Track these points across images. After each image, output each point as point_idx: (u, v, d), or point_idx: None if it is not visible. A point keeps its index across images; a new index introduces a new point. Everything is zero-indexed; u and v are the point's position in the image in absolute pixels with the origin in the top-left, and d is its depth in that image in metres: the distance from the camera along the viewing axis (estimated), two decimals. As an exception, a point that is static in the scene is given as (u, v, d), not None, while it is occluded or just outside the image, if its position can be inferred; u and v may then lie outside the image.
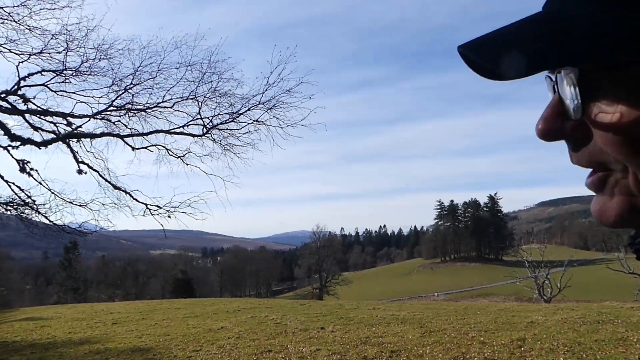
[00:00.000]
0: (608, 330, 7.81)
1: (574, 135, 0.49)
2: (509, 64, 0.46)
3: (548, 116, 0.50)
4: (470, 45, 0.49)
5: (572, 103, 0.46)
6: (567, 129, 0.49)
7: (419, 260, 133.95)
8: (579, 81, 0.45)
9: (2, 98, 9.72)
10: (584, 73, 0.45)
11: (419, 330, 8.75)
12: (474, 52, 0.48)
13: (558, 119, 0.49)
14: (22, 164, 10.14)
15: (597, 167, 0.49)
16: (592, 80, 0.45)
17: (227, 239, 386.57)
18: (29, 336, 10.83)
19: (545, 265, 28.89)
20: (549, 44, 0.44)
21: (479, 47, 0.49)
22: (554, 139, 0.51)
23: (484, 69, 0.50)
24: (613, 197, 0.48)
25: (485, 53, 0.48)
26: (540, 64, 0.45)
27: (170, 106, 10.63)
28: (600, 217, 0.50)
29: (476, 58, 0.48)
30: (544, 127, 0.50)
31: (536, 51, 0.45)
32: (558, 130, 0.49)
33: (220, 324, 10.73)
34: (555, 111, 0.49)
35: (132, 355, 8.21)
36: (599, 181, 0.49)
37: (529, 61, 0.45)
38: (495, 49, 0.47)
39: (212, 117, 10.70)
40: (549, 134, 0.50)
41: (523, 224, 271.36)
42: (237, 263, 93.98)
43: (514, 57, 0.45)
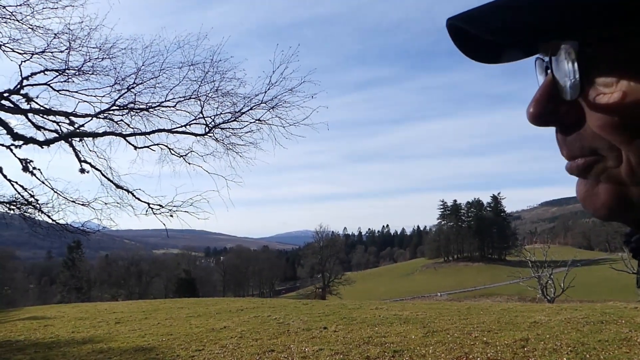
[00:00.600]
0: (612, 331, 7.78)
1: (567, 119, 0.46)
2: (505, 36, 0.44)
3: (540, 98, 0.47)
4: (463, 17, 0.45)
5: (569, 80, 0.44)
6: (560, 112, 0.46)
7: (422, 260, 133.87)
8: (578, 56, 0.42)
9: (5, 97, 9.74)
10: (583, 46, 0.42)
11: (422, 330, 8.73)
12: (469, 22, 0.45)
13: (551, 101, 0.46)
14: (25, 163, 10.16)
15: (588, 154, 0.46)
16: (590, 56, 0.42)
17: (230, 238, 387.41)
18: (32, 335, 10.86)
19: (549, 265, 28.84)
20: (547, 14, 0.41)
21: (473, 19, 0.45)
22: (546, 124, 0.48)
23: (475, 48, 0.48)
24: (599, 184, 0.46)
25: (481, 25, 0.45)
26: (539, 35, 0.43)
27: (173, 105, 10.64)
28: (585, 202, 0.47)
29: (471, 28, 0.45)
30: (536, 110, 0.47)
31: (535, 21, 0.42)
32: (551, 113, 0.47)
33: (223, 323, 10.73)
34: (548, 93, 0.46)
35: (135, 355, 8.22)
36: (585, 165, 0.46)
37: (528, 32, 0.43)
38: (490, 20, 0.44)
39: (214, 117, 10.70)
40: (541, 117, 0.47)
41: (526, 224, 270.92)
42: (240, 263, 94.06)
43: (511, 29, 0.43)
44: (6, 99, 9.77)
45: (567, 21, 0.41)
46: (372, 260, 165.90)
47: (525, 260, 31.76)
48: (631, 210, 0.44)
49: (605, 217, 0.46)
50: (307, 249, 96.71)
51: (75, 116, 10.47)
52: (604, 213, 0.46)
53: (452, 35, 0.48)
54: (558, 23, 0.41)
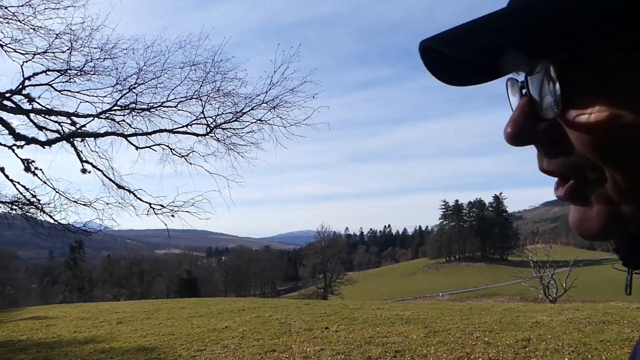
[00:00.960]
0: (614, 331, 7.77)
1: (546, 139, 0.45)
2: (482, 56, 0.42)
3: (517, 118, 0.46)
4: (437, 37, 0.44)
5: (549, 99, 0.43)
6: (539, 132, 0.45)
7: (424, 260, 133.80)
8: (558, 75, 0.41)
9: (7, 97, 9.76)
10: (564, 65, 0.41)
11: (424, 330, 8.73)
12: (443, 43, 0.44)
13: (529, 120, 0.45)
14: (26, 163, 10.17)
15: (571, 173, 0.45)
16: (571, 74, 0.41)
17: (232, 238, 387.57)
18: (34, 335, 10.88)
19: (551, 265, 28.79)
20: (525, 35, 0.40)
21: (449, 40, 0.44)
22: (525, 144, 0.47)
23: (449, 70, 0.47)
24: (592, 207, 0.45)
25: (456, 46, 0.43)
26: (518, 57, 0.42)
27: (174, 106, 10.65)
28: (581, 230, 0.46)
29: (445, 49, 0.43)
30: (514, 130, 0.46)
31: (514, 41, 0.41)
32: (529, 133, 0.46)
33: (224, 323, 10.74)
34: (526, 112, 0.46)
35: (137, 355, 8.24)
36: (573, 190, 0.46)
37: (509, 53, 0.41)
38: (466, 41, 0.43)
39: (215, 117, 10.71)
40: (519, 137, 0.46)
41: (528, 224, 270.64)
42: (242, 263, 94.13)
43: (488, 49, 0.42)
44: (8, 99, 9.79)
45: (547, 41, 0.40)
46: (373, 260, 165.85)
47: (527, 260, 31.71)
48: (625, 228, 0.44)
49: (602, 238, 0.45)
50: (308, 249, 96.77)
51: (77, 116, 10.49)
52: (600, 235, 0.45)
53: (424, 58, 0.47)
54: (538, 43, 0.40)
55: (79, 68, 10.14)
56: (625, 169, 0.41)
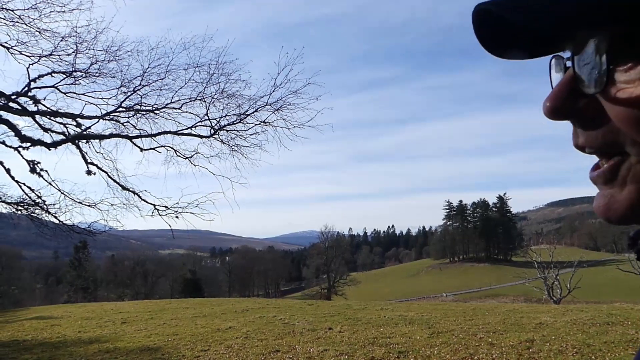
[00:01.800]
0: (618, 332, 7.76)
1: (586, 114, 0.46)
2: (539, 21, 0.43)
3: (559, 91, 0.47)
4: (499, 2, 0.45)
5: (594, 73, 0.43)
6: (578, 107, 0.46)
7: (428, 260, 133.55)
8: (608, 47, 0.42)
9: (13, 99, 9.82)
10: (613, 39, 0.42)
11: (427, 331, 8.74)
12: (504, 8, 0.44)
13: (570, 95, 0.46)
14: (32, 164, 10.23)
15: (609, 149, 0.45)
16: (619, 48, 0.42)
17: (236, 239, 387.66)
18: (39, 335, 10.93)
19: (555, 266, 28.70)
20: (579, 4, 0.41)
21: (508, 3, 0.44)
22: (563, 118, 0.47)
23: (501, 41, 0.48)
24: (624, 187, 0.45)
25: (516, 10, 0.44)
26: (572, 24, 0.43)
27: (178, 107, 10.70)
28: (607, 212, 0.46)
29: (509, 15, 0.44)
30: (554, 103, 0.47)
31: (570, 11, 0.42)
32: (569, 107, 0.47)
33: (228, 323, 10.77)
34: (568, 87, 0.46)
35: (141, 355, 8.27)
36: (611, 171, 0.46)
37: (563, 20, 0.42)
38: (527, 5, 0.43)
39: (219, 118, 10.75)
40: (559, 111, 0.47)
41: (532, 225, 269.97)
42: (246, 263, 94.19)
43: (546, 16, 0.43)
44: (14, 101, 9.86)
45: (599, 13, 0.41)
46: (377, 260, 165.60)
47: (531, 261, 31.62)
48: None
49: (626, 220, 0.46)
50: (312, 249, 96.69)
51: (82, 118, 10.55)
52: (628, 215, 0.45)
53: (476, 22, 0.48)
54: (591, 14, 0.41)
55: (84, 70, 10.21)
56: None
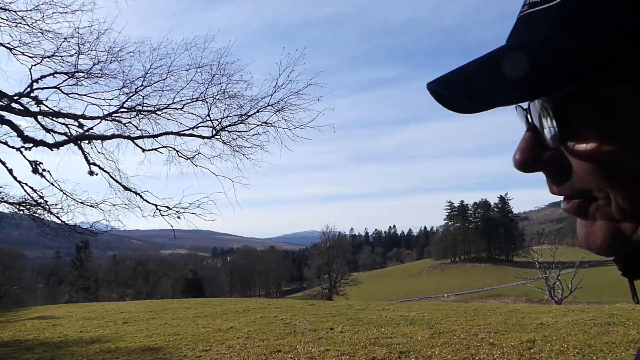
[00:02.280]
0: (619, 333, 7.76)
1: (552, 165, 0.48)
2: (479, 98, 0.46)
3: (525, 147, 0.49)
4: (440, 81, 0.47)
5: (549, 133, 0.46)
6: (545, 159, 0.48)
7: (429, 260, 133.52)
8: (553, 111, 0.44)
9: (16, 100, 9.84)
10: (557, 102, 0.44)
11: (428, 331, 8.74)
12: (445, 87, 0.47)
13: (535, 149, 0.48)
14: (34, 165, 10.26)
15: (579, 196, 0.48)
16: (566, 108, 0.44)
17: (237, 239, 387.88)
18: (41, 335, 10.96)
19: (556, 266, 28.69)
20: (520, 75, 0.42)
21: (450, 82, 0.47)
22: (533, 170, 0.49)
23: (455, 103, 0.50)
24: (595, 222, 0.47)
25: (455, 88, 0.46)
26: (512, 96, 0.44)
27: (180, 108, 10.70)
28: (587, 242, 0.49)
29: (448, 94, 0.47)
30: (521, 158, 0.48)
31: (507, 83, 0.43)
32: (536, 161, 0.48)
33: (229, 323, 10.79)
34: (531, 142, 0.48)
35: (143, 355, 8.29)
36: (578, 208, 0.48)
37: (500, 94, 0.44)
38: (465, 84, 0.46)
39: (221, 119, 10.76)
40: (526, 165, 0.49)
41: (534, 225, 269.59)
42: (247, 263, 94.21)
43: (486, 91, 0.45)
44: (16, 102, 9.88)
45: (538, 82, 0.42)
46: (378, 260, 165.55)
47: (533, 261, 31.62)
48: (626, 244, 0.47)
49: (606, 252, 0.48)
50: (313, 249, 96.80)
51: (84, 119, 10.57)
52: (604, 249, 0.48)
53: (434, 96, 0.50)
54: (529, 84, 0.42)
55: (86, 71, 10.23)
56: (625, 193, 0.44)
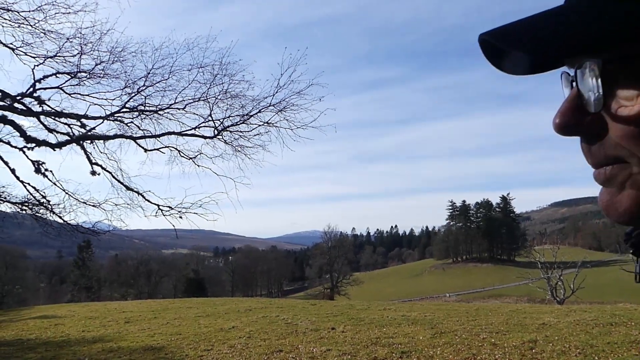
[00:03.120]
0: (621, 333, 7.75)
1: (591, 130, 0.49)
2: (535, 50, 0.47)
3: (566, 110, 0.50)
4: (495, 33, 0.49)
5: (593, 95, 0.47)
6: (584, 123, 0.49)
7: (431, 260, 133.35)
8: (601, 72, 0.45)
9: (18, 100, 9.86)
10: (606, 63, 0.45)
11: (430, 331, 8.74)
12: (501, 39, 0.48)
13: (576, 112, 0.49)
14: (37, 164, 10.28)
15: (612, 162, 0.48)
16: (612, 72, 0.45)
17: (239, 238, 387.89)
18: (43, 334, 10.99)
19: (558, 266, 28.60)
20: (572, 34, 0.45)
21: (505, 35, 0.48)
22: (571, 134, 0.51)
23: (505, 60, 0.51)
24: (623, 190, 0.48)
25: (512, 41, 0.48)
26: (565, 52, 0.46)
27: (182, 108, 10.71)
28: (608, 210, 0.49)
29: (504, 45, 0.48)
30: (562, 120, 0.50)
31: (561, 40, 0.45)
32: (576, 124, 0.50)
33: (231, 323, 10.79)
34: (573, 105, 0.49)
35: (144, 354, 8.30)
36: (612, 173, 0.49)
37: (556, 48, 0.46)
38: (522, 37, 0.47)
39: (223, 119, 10.76)
40: (566, 127, 0.50)
41: (536, 225, 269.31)
42: (249, 263, 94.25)
43: (540, 47, 0.46)
44: (19, 102, 9.90)
45: (590, 40, 0.44)
46: (380, 260, 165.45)
47: (535, 261, 31.52)
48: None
49: (628, 221, 0.49)
50: (315, 249, 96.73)
51: (86, 119, 10.59)
52: (627, 218, 0.48)
53: (483, 49, 0.51)
54: (582, 42, 0.44)
55: (89, 71, 10.24)
56: None
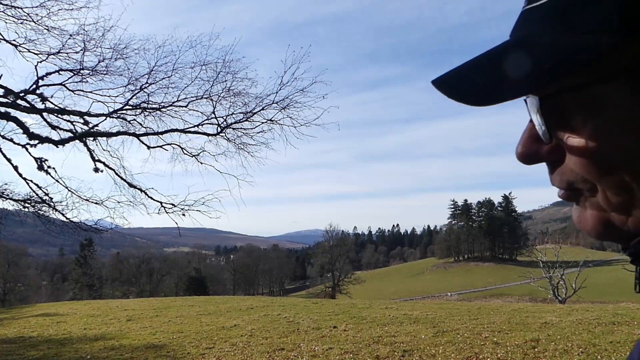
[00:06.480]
0: (623, 332, 7.73)
1: (549, 158, 0.50)
2: (473, 97, 0.47)
3: (525, 140, 0.51)
4: (438, 80, 0.51)
5: (539, 129, 0.48)
6: (543, 152, 0.50)
7: (432, 259, 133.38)
8: (541, 108, 0.46)
9: (21, 97, 9.87)
10: (547, 98, 0.46)
11: (432, 330, 8.73)
12: (442, 87, 0.50)
13: (534, 142, 0.50)
14: (39, 162, 10.28)
15: (567, 187, 0.50)
16: (553, 105, 0.46)
17: (241, 237, 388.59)
18: (45, 332, 11.00)
19: (560, 265, 28.57)
20: (508, 73, 0.45)
21: (444, 83, 0.50)
22: (533, 162, 0.52)
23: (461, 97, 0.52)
24: (586, 210, 0.50)
25: (449, 88, 0.49)
26: (501, 94, 0.46)
27: (185, 105, 10.70)
28: (580, 226, 0.51)
29: (445, 93, 0.49)
30: (522, 150, 0.51)
31: (494, 81, 0.46)
32: (535, 153, 0.51)
33: (233, 321, 10.80)
34: (532, 135, 0.50)
35: (146, 352, 8.30)
36: (569, 196, 0.51)
37: (489, 93, 0.46)
38: (458, 85, 0.49)
39: (226, 117, 10.75)
40: (527, 157, 0.51)
41: (538, 224, 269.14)
42: (250, 261, 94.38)
43: (475, 90, 0.47)
44: (22, 99, 9.90)
45: (528, 78, 0.44)
46: (382, 259, 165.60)
47: (537, 260, 31.49)
48: (616, 233, 0.48)
49: (597, 238, 0.50)
50: (317, 248, 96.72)
51: (89, 116, 10.58)
52: (594, 235, 0.50)
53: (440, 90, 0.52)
54: (518, 81, 0.44)
55: (92, 68, 10.24)
56: (613, 186, 0.45)
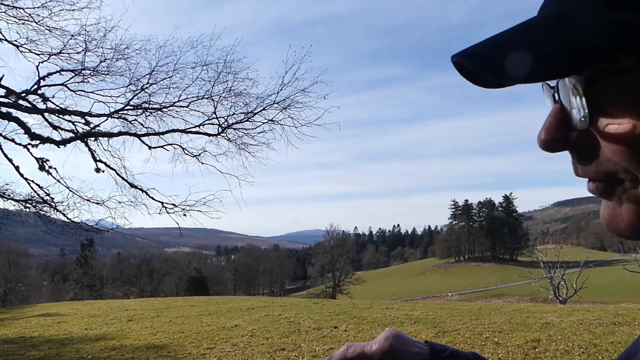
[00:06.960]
0: (624, 332, 7.73)
1: (579, 146, 0.46)
2: (508, 73, 0.42)
3: (550, 126, 0.46)
4: (466, 54, 0.45)
5: (578, 113, 0.43)
6: (571, 139, 0.46)
7: (433, 260, 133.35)
8: (585, 90, 0.42)
9: (23, 97, 9.88)
10: (589, 81, 0.42)
11: (433, 330, 8.73)
12: (471, 61, 0.45)
13: (561, 128, 0.46)
14: (41, 162, 10.29)
15: (605, 178, 0.45)
16: (598, 88, 0.41)
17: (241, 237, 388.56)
18: (46, 332, 11.01)
19: (561, 265, 28.56)
20: (552, 51, 0.40)
21: (476, 55, 0.45)
22: (558, 150, 0.47)
23: (480, 78, 0.47)
24: (622, 204, 0.45)
25: (482, 62, 0.44)
26: (544, 73, 0.41)
27: (186, 105, 10.72)
28: (609, 224, 0.46)
29: (474, 68, 0.44)
30: (547, 137, 0.46)
31: (539, 59, 0.41)
32: (562, 140, 0.46)
33: (234, 322, 10.80)
34: (558, 120, 0.46)
35: (147, 352, 8.31)
36: (604, 189, 0.46)
37: (532, 70, 0.41)
38: (493, 57, 0.43)
39: (227, 117, 10.77)
40: (552, 144, 0.46)
41: (538, 224, 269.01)
42: (251, 261, 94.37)
43: (514, 66, 0.42)
44: (24, 99, 9.92)
45: (571, 58, 0.40)
46: (382, 259, 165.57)
47: (537, 260, 31.47)
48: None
49: (630, 236, 0.46)
50: (317, 248, 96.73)
51: (90, 116, 10.60)
52: (629, 233, 0.45)
53: (459, 70, 0.48)
54: (561, 60, 0.40)
55: (93, 68, 10.26)
56: None
